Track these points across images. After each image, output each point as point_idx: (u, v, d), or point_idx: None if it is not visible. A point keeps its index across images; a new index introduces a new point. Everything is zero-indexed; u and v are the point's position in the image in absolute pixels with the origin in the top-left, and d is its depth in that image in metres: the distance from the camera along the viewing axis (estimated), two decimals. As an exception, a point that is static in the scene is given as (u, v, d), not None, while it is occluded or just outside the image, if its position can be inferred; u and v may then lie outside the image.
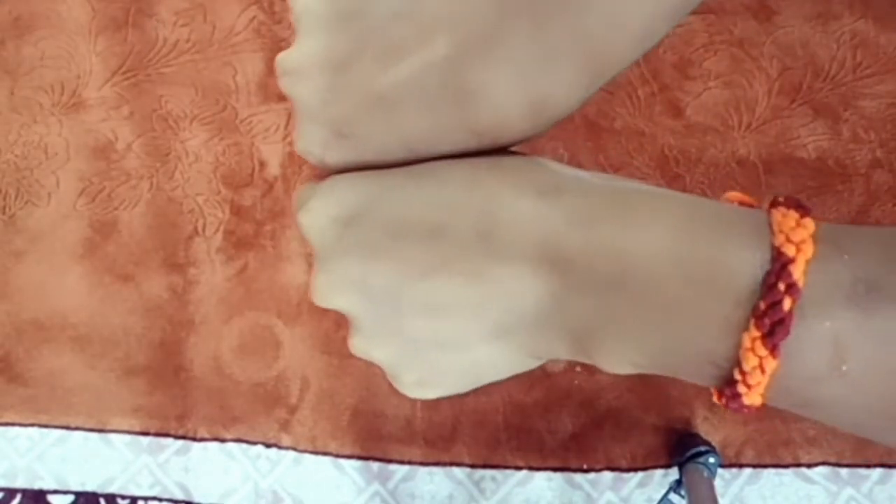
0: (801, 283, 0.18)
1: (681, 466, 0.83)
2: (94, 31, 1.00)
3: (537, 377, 0.89)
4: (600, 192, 0.20)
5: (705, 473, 0.80)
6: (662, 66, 0.92)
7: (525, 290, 0.20)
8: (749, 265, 0.18)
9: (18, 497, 0.93)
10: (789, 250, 0.18)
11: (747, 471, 0.85)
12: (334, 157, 0.21)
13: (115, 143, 0.98)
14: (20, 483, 0.93)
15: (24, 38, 1.01)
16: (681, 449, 0.84)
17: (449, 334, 0.21)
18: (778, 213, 0.19)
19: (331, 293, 0.22)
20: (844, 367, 0.18)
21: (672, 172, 0.90)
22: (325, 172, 0.23)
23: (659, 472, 0.86)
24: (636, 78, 0.92)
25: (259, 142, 0.96)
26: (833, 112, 0.89)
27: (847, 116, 0.89)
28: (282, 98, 0.97)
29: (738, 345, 0.18)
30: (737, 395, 0.19)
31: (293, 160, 0.96)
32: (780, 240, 0.18)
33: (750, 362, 0.18)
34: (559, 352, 0.21)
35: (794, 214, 0.19)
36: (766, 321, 0.18)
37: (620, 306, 0.19)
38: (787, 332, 0.17)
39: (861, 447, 0.84)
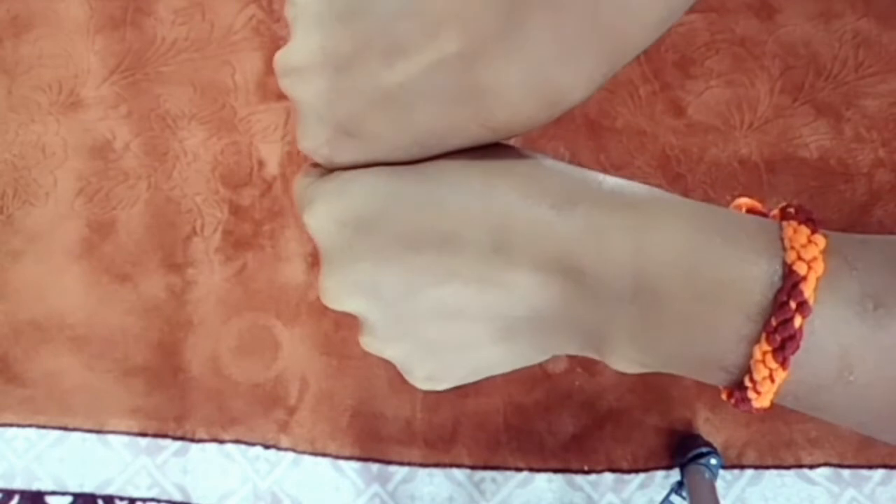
0: (811, 301, 0.18)
1: (682, 468, 0.83)
2: (92, 30, 0.99)
3: (538, 378, 0.88)
4: (613, 203, 0.20)
5: (707, 475, 0.79)
6: (664, 65, 0.91)
7: (537, 297, 0.21)
8: (761, 281, 0.19)
9: (16, 498, 0.92)
10: (801, 268, 0.18)
11: (749, 472, 0.85)
12: (342, 156, 0.21)
13: (113, 142, 0.97)
14: (18, 484, 0.93)
15: (21, 36, 1.01)
16: (682, 450, 0.84)
17: (460, 336, 0.22)
18: (790, 228, 0.19)
19: (341, 296, 0.22)
20: (851, 378, 0.19)
21: (673, 172, 0.90)
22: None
23: (660, 474, 0.86)
24: (637, 77, 0.91)
25: (258, 141, 0.96)
26: (835, 111, 0.89)
27: (849, 116, 0.88)
28: (280, 97, 0.96)
29: (749, 356, 0.19)
30: (746, 399, 0.20)
31: (292, 159, 0.95)
32: (791, 257, 0.19)
33: (760, 373, 0.19)
34: (568, 349, 0.22)
35: (805, 230, 0.19)
36: (777, 337, 0.18)
37: (631, 316, 0.20)
38: (798, 347, 0.18)
39: (863, 448, 0.84)
